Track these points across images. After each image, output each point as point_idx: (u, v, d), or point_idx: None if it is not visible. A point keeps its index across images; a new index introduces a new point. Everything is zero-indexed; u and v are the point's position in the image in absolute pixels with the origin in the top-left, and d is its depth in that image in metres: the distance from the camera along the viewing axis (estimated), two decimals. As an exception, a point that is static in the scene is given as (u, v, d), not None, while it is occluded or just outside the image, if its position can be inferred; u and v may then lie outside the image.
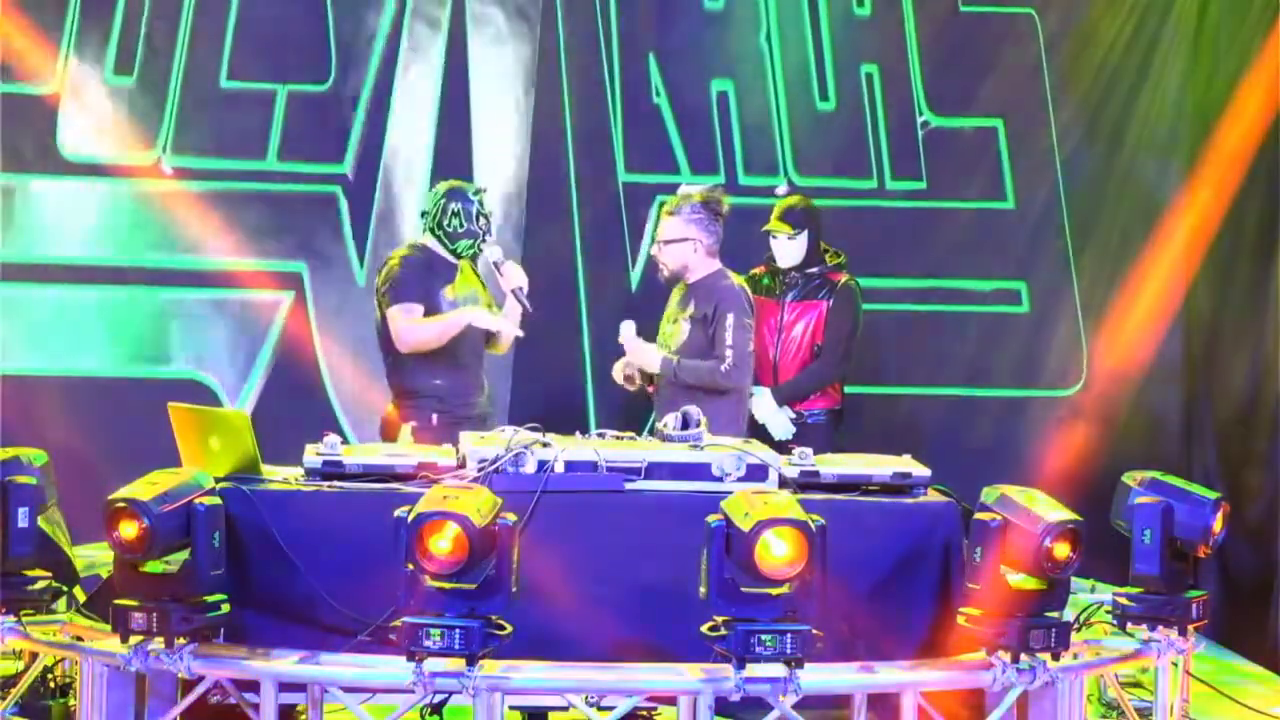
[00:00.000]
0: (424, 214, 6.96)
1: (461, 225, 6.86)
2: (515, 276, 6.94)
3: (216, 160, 8.27)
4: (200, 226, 8.19)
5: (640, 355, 6.92)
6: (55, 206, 8.22)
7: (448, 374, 6.84)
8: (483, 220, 6.90)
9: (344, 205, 8.30)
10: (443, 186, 6.94)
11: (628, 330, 6.94)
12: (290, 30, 8.31)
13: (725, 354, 6.79)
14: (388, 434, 6.87)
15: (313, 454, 5.88)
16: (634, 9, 8.44)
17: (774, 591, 5.18)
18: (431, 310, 6.80)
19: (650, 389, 7.02)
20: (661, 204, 7.05)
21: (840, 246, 7.61)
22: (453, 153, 8.31)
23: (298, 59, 8.27)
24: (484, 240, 6.91)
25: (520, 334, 6.92)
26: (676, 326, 6.93)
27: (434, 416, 6.78)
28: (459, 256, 6.91)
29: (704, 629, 5.29)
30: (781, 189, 8.04)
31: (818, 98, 8.52)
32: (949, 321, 8.58)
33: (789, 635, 5.18)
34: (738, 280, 7.00)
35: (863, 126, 8.52)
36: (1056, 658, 5.53)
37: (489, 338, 7.04)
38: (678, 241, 6.91)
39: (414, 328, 6.76)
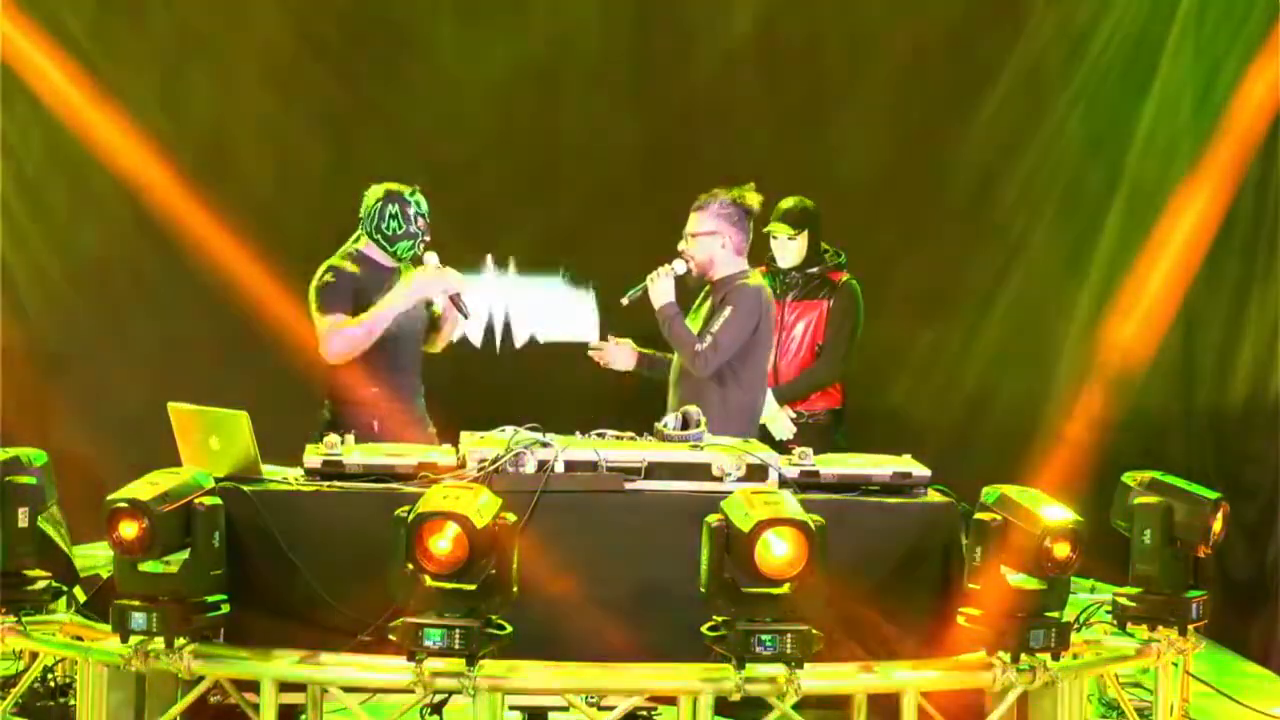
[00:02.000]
0: (361, 218, 6.86)
1: (400, 228, 6.82)
2: (455, 283, 6.93)
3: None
4: None
5: (658, 286, 6.80)
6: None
7: (385, 379, 6.81)
8: (420, 221, 6.85)
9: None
10: (379, 189, 6.86)
11: (679, 266, 6.84)
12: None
13: (706, 337, 6.70)
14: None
15: (313, 454, 5.88)
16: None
17: (774, 591, 5.18)
18: None
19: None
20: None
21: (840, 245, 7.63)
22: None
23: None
24: (423, 241, 6.88)
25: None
26: (695, 322, 6.87)
27: (374, 423, 6.73)
28: (399, 260, 6.87)
29: (704, 629, 5.29)
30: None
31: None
32: (949, 321, 8.59)
33: (789, 635, 5.18)
34: (757, 281, 6.86)
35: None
36: (1056, 658, 5.53)
37: (426, 336, 7.01)
38: (706, 235, 6.81)
39: (338, 333, 6.67)
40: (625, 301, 6.94)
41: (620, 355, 7.06)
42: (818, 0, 8.66)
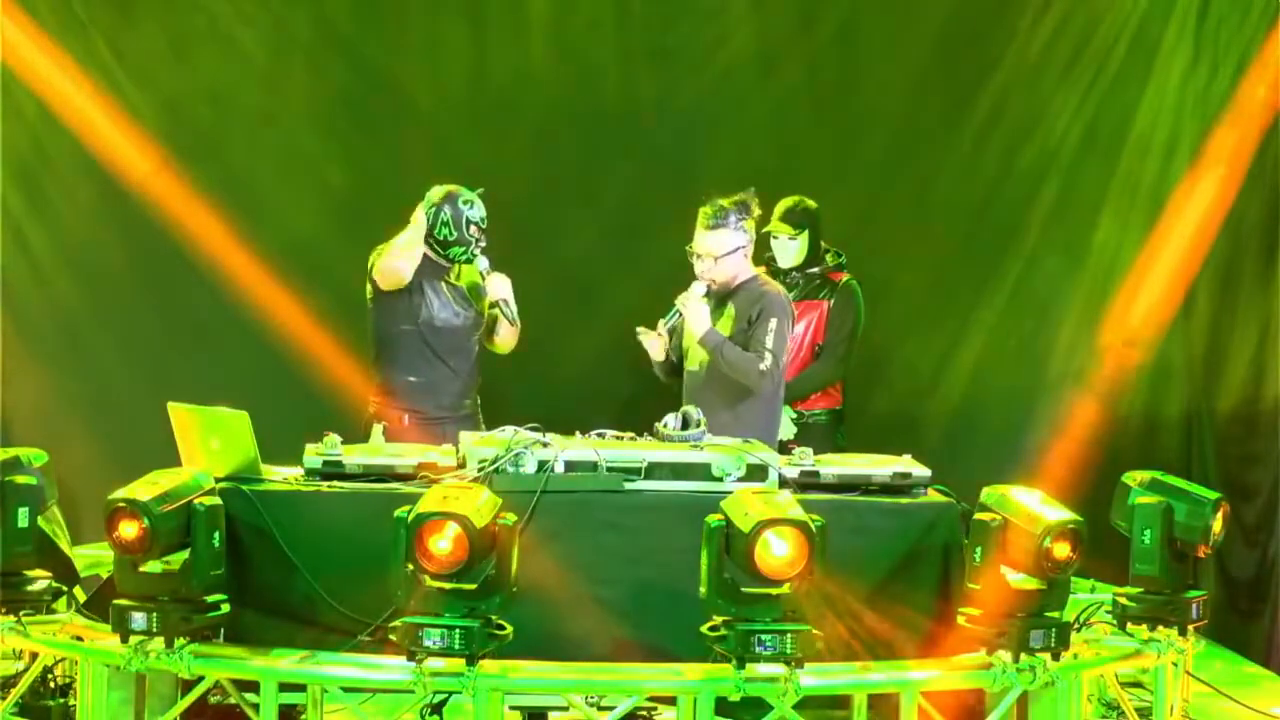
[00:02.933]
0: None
1: (452, 234, 6.86)
2: (499, 289, 6.93)
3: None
4: None
5: (694, 313, 6.65)
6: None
7: (424, 371, 6.83)
8: (474, 229, 6.88)
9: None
10: (438, 192, 6.90)
11: (700, 288, 6.67)
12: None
13: (765, 354, 6.55)
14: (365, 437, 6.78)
15: (313, 454, 5.88)
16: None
17: (774, 591, 5.18)
18: (417, 305, 6.82)
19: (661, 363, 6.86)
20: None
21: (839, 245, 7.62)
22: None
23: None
24: (476, 247, 6.90)
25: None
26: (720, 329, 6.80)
27: (405, 416, 6.75)
28: (452, 261, 6.93)
29: (704, 629, 5.29)
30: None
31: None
32: (949, 321, 8.58)
33: (789, 635, 5.18)
34: (779, 285, 6.84)
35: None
36: (1056, 658, 5.53)
37: (489, 335, 7.04)
38: (732, 253, 6.67)
39: (383, 256, 6.77)
40: (663, 328, 6.78)
41: (653, 346, 6.83)
42: (817, 0, 8.65)
